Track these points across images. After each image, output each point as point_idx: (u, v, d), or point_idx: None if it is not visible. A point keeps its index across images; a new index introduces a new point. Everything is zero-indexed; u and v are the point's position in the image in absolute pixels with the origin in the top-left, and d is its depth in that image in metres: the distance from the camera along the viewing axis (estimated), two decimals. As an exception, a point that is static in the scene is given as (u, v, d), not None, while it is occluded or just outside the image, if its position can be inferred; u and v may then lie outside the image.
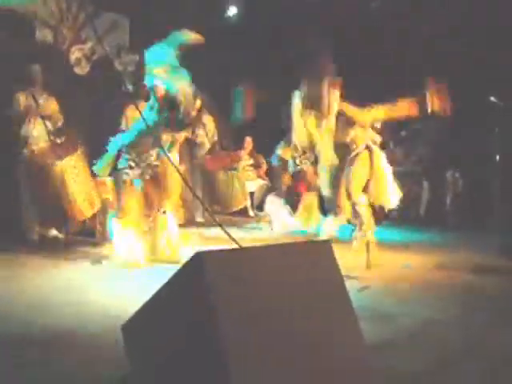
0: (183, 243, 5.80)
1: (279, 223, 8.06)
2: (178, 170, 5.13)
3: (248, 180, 9.30)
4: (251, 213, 9.45)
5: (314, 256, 2.39)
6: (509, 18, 8.48)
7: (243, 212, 9.16)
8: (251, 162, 9.70)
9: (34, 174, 6.37)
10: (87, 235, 6.89)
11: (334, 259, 2.42)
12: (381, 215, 7.50)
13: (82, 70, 8.24)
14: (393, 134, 9.37)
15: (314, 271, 2.34)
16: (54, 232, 7.04)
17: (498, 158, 7.97)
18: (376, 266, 5.51)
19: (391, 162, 9.13)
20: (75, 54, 8.15)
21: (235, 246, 2.49)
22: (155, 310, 2.27)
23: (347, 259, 2.94)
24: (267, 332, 2.08)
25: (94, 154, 6.22)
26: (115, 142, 5.69)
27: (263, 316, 2.10)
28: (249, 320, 2.05)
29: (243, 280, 2.10)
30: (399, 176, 9.23)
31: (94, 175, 6.27)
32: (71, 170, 6.22)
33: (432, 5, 9.42)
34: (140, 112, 6.14)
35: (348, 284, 2.54)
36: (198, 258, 2.00)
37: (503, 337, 3.49)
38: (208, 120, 8.65)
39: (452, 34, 9.12)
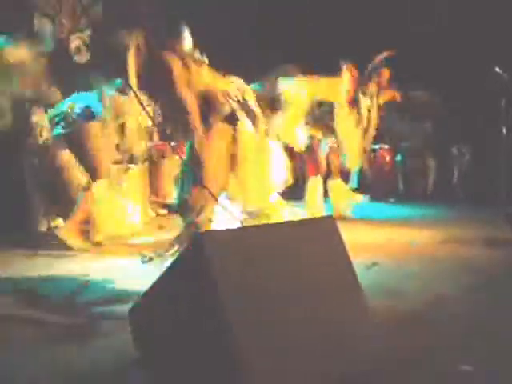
0: None
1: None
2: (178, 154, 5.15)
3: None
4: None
5: (318, 232, 2.37)
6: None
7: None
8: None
9: (43, 163, 6.35)
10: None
11: (338, 234, 2.39)
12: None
13: (81, 58, 8.18)
14: (398, 111, 9.28)
15: (319, 246, 2.32)
16: (59, 221, 7.02)
17: (504, 130, 7.90)
18: (383, 242, 5.50)
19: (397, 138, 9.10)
20: (74, 42, 8.06)
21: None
22: (160, 292, 2.26)
23: (352, 237, 2.89)
24: (271, 308, 2.07)
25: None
26: None
27: (267, 293, 2.09)
28: (253, 297, 2.04)
29: (245, 258, 2.08)
30: (405, 152, 9.20)
31: None
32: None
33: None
34: (139, 100, 6.08)
35: (356, 261, 2.52)
36: (199, 239, 1.99)
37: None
38: None
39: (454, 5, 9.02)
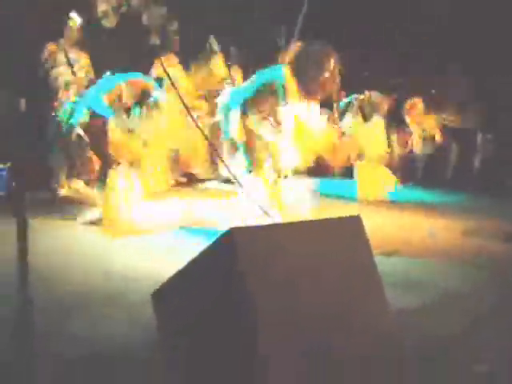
0: None
1: None
2: (200, 129, 5.25)
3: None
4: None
5: (344, 231, 2.40)
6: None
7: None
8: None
9: None
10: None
11: (364, 234, 2.42)
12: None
13: (109, 22, 8.13)
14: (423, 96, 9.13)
15: (344, 246, 2.36)
16: (80, 184, 7.09)
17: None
18: (402, 230, 5.54)
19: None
20: (102, 6, 7.99)
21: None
22: (186, 281, 2.30)
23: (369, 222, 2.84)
24: (296, 302, 2.12)
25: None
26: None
27: (293, 287, 2.13)
28: (279, 292, 2.09)
29: (273, 254, 2.12)
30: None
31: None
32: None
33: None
34: (164, 67, 6.04)
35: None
36: (230, 234, 2.03)
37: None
38: None
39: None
